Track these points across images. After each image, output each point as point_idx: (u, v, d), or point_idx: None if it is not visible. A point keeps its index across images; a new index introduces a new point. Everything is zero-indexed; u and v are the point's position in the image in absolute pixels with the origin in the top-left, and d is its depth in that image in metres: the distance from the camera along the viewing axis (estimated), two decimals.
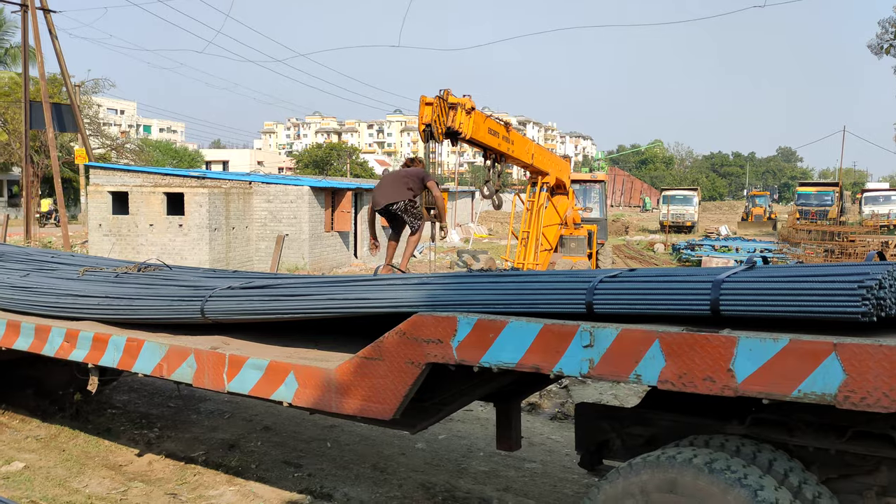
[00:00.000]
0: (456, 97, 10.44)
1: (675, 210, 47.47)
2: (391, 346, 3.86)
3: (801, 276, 3.15)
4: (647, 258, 29.25)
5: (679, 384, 3.06)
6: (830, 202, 43.53)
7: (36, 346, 5.57)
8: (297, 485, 5.65)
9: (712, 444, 3.39)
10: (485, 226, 44.10)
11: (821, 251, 25.78)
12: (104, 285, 5.98)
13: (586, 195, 20.89)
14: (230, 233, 20.98)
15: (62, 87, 31.57)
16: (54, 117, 24.09)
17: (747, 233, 43.48)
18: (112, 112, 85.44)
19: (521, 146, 12.59)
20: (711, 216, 62.36)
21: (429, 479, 5.77)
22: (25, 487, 5.60)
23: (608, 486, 3.38)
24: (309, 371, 4.20)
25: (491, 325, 3.54)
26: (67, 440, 6.72)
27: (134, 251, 20.12)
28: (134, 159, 44.56)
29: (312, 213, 21.83)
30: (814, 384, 2.78)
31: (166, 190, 20.51)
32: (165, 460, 6.21)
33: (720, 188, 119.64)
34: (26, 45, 24.55)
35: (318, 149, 75.17)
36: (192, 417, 7.40)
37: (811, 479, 3.21)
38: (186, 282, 5.84)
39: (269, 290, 4.90)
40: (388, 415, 3.90)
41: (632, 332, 3.17)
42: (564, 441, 6.64)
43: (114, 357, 5.10)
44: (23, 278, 6.37)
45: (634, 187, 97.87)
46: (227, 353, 4.56)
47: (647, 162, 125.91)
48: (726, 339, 2.95)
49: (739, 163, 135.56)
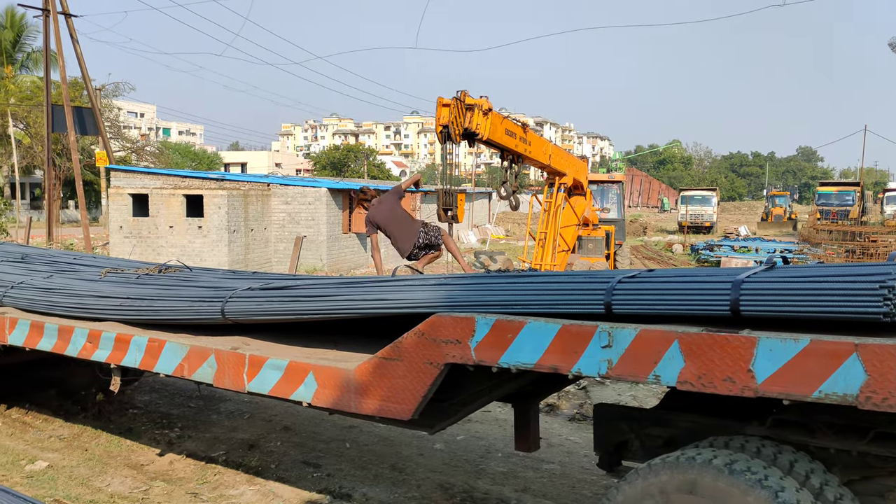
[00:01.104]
0: (473, 98, 10.46)
1: (694, 210, 47.13)
2: (410, 347, 3.87)
3: (821, 277, 3.13)
4: (666, 259, 29.08)
5: (698, 385, 3.04)
6: (851, 202, 43.05)
7: (59, 347, 5.64)
8: (316, 485, 5.68)
9: (732, 446, 3.38)
10: (502, 227, 44.07)
11: (842, 252, 25.52)
12: (126, 286, 6.04)
13: (604, 196, 20.84)
14: (249, 234, 21.10)
15: (83, 90, 31.92)
16: (76, 121, 24.35)
17: (767, 233, 43.09)
18: (132, 115, 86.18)
19: (538, 147, 12.57)
20: (730, 217, 61.91)
21: (447, 479, 5.78)
22: (49, 486, 5.67)
23: (627, 487, 3.38)
24: (328, 371, 4.22)
25: (509, 326, 3.54)
26: (90, 440, 6.79)
27: (154, 253, 20.30)
28: (154, 162, 44.96)
29: (330, 214, 21.92)
30: (835, 385, 2.76)
31: (186, 192, 20.69)
32: (186, 460, 6.26)
33: (739, 188, 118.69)
34: (48, 49, 24.82)
35: (336, 150, 75.39)
36: (213, 417, 7.46)
37: (833, 481, 3.19)
38: (206, 283, 5.89)
39: (288, 291, 4.93)
40: (406, 415, 3.92)
41: (651, 332, 3.16)
42: (583, 442, 6.63)
43: (136, 357, 5.16)
44: (46, 280, 6.45)
45: (652, 188, 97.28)
46: (247, 353, 4.59)
47: (666, 162, 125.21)
48: (746, 340, 2.93)
49: (759, 163, 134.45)
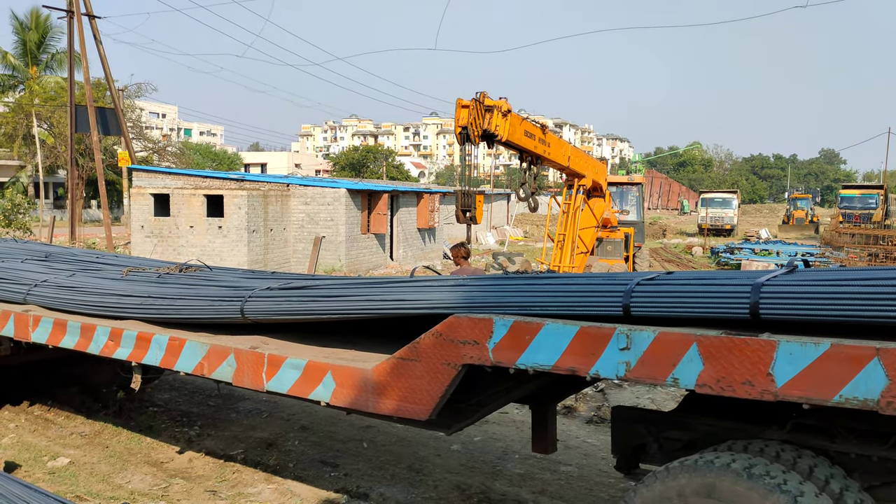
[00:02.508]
0: (492, 100, 10.46)
1: (714, 213, 46.78)
2: (428, 347, 3.88)
3: (843, 280, 3.11)
4: (685, 261, 28.89)
5: (717, 388, 3.03)
6: (875, 205, 42.49)
7: (82, 345, 5.71)
8: (333, 484, 5.71)
9: (751, 450, 3.36)
10: (520, 228, 44.01)
11: (864, 255, 25.20)
12: (147, 285, 6.10)
13: (623, 198, 20.74)
14: (268, 234, 21.23)
15: (106, 91, 32.24)
16: (98, 121, 24.62)
17: (788, 236, 42.66)
18: (154, 115, 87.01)
19: (557, 148, 12.55)
20: (751, 219, 61.38)
21: (464, 480, 5.79)
22: (70, 482, 5.74)
23: (645, 489, 3.37)
24: (346, 371, 4.24)
25: (527, 327, 3.54)
26: (111, 437, 6.87)
27: (175, 252, 20.47)
28: (175, 162, 45.27)
29: (349, 215, 22.00)
30: (856, 389, 2.74)
31: (206, 192, 20.84)
32: (205, 458, 6.32)
33: (760, 191, 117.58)
34: (72, 50, 25.11)
35: (355, 151, 75.56)
36: (232, 416, 7.52)
37: (853, 486, 3.16)
38: (226, 282, 5.94)
39: (307, 291, 4.96)
40: (424, 415, 3.93)
41: (669, 335, 3.15)
42: (601, 445, 6.61)
43: (156, 356, 5.21)
44: (69, 278, 6.53)
45: (672, 190, 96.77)
46: (266, 352, 4.63)
47: (686, 164, 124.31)
48: (766, 343, 2.92)
49: (780, 165, 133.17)
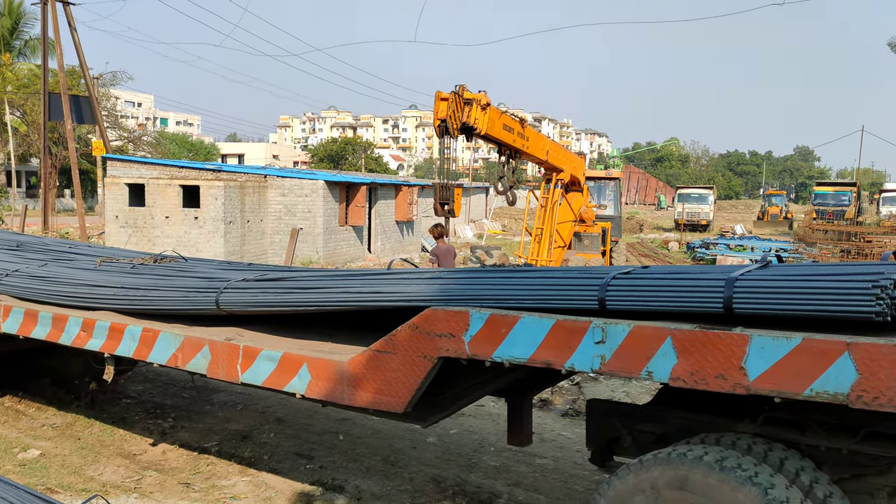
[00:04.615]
0: (471, 93, 10.46)
1: (691, 208, 47.20)
2: (404, 340, 3.88)
3: (815, 275, 3.15)
4: (662, 256, 29.14)
5: (691, 381, 3.06)
6: (848, 202, 43.18)
7: (53, 336, 5.64)
8: (308, 476, 5.69)
9: (723, 442, 3.39)
10: (498, 222, 44.08)
11: (837, 251, 25.58)
12: (120, 276, 6.04)
13: (601, 192, 20.85)
14: (245, 226, 21.08)
15: (80, 79, 31.77)
16: (73, 109, 24.30)
17: (763, 232, 43.15)
18: (129, 104, 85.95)
19: (535, 142, 12.57)
20: (727, 215, 61.98)
21: (440, 473, 5.80)
22: (41, 475, 5.67)
23: (618, 482, 3.39)
24: (322, 363, 4.23)
25: (503, 320, 3.55)
26: (83, 429, 6.79)
27: (150, 243, 20.28)
28: (151, 152, 44.79)
29: (327, 207, 21.90)
30: (826, 383, 2.77)
31: (182, 182, 20.66)
32: (179, 450, 6.27)
33: (736, 187, 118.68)
34: (45, 37, 24.74)
35: (334, 143, 75.22)
36: (206, 408, 7.47)
37: (823, 479, 3.21)
38: (202, 274, 5.89)
39: (284, 282, 4.93)
40: (400, 408, 3.93)
41: (644, 328, 3.17)
42: (575, 437, 6.65)
43: (129, 347, 5.16)
44: (41, 268, 6.44)
45: (650, 185, 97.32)
46: (241, 344, 4.60)
47: (663, 160, 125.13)
48: (739, 337, 2.95)
49: (756, 161, 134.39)
